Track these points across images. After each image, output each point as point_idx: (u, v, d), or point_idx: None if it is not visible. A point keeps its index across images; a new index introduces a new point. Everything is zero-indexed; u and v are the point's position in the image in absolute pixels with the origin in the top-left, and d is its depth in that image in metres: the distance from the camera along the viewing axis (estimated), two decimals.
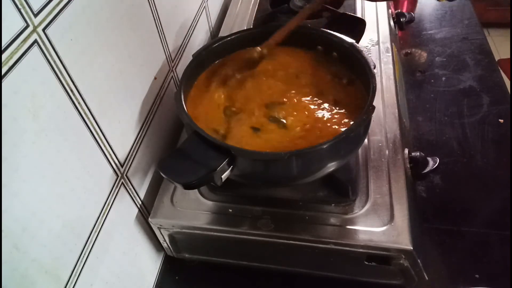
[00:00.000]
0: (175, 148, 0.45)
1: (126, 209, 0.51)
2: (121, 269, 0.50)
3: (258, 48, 0.53)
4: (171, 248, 0.57)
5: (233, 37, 0.58)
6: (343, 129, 0.47)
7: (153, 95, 0.56)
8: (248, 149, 0.44)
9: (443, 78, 0.81)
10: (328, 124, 0.49)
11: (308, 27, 0.59)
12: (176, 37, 0.63)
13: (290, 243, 0.50)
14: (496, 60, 0.88)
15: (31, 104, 0.33)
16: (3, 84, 0.30)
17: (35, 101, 0.34)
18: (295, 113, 0.51)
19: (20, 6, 0.32)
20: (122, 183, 0.49)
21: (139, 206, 0.54)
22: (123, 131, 0.49)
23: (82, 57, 0.40)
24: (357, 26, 0.64)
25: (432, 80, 0.81)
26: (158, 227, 0.53)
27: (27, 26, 0.33)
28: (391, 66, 0.66)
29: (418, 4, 1.01)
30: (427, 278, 0.50)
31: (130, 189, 0.51)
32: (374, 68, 0.49)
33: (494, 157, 0.66)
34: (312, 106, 0.51)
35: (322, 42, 0.57)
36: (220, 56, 0.58)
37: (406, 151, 0.55)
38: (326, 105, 0.51)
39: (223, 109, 0.52)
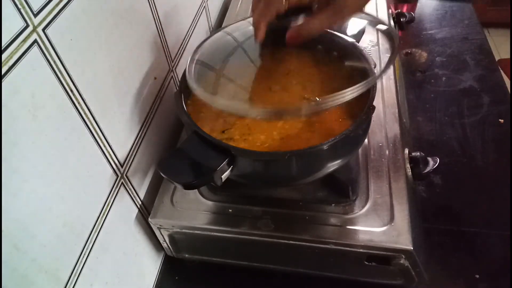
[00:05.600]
0: (175, 148, 0.45)
1: (126, 209, 0.51)
2: (121, 269, 0.50)
3: None
4: (171, 248, 0.57)
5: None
6: (341, 128, 0.47)
7: (153, 95, 0.56)
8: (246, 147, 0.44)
9: (443, 78, 0.81)
10: (328, 123, 0.49)
11: None
12: (176, 37, 0.63)
13: (290, 243, 0.49)
14: (496, 60, 0.88)
15: (31, 104, 0.33)
16: (3, 84, 0.30)
17: (35, 101, 0.34)
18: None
19: (20, 6, 0.32)
20: (122, 183, 0.49)
21: (139, 206, 0.54)
22: (123, 131, 0.49)
23: (82, 57, 0.40)
24: (357, 26, 0.64)
25: (432, 80, 0.81)
26: (158, 227, 0.53)
27: (27, 26, 0.33)
28: (391, 66, 0.66)
29: (418, 4, 1.01)
30: (427, 278, 0.50)
31: (130, 189, 0.51)
32: (375, 67, 0.49)
33: (494, 157, 0.66)
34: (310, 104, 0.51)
35: (322, 41, 0.57)
36: None
37: (406, 151, 0.55)
38: None
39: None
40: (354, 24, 0.57)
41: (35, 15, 0.33)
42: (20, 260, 0.33)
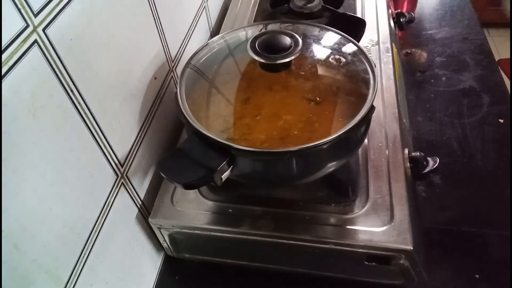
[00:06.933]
0: (175, 148, 0.45)
1: (126, 209, 0.51)
2: (121, 269, 0.50)
3: None
4: (171, 248, 0.57)
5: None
6: (342, 128, 0.47)
7: (153, 95, 0.56)
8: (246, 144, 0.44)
9: (443, 78, 0.81)
10: (328, 123, 0.49)
11: None
12: (176, 37, 0.63)
13: (290, 243, 0.50)
14: (496, 60, 0.88)
15: (31, 104, 0.33)
16: (3, 84, 0.30)
17: (35, 101, 0.34)
18: (292, 109, 0.51)
19: (20, 6, 0.32)
20: (122, 183, 0.49)
21: (139, 206, 0.54)
22: (123, 131, 0.49)
23: (82, 57, 0.40)
24: (357, 26, 0.64)
25: (432, 80, 0.81)
26: (158, 227, 0.53)
27: (27, 26, 0.33)
28: (391, 66, 0.66)
29: (418, 4, 1.01)
30: (427, 278, 0.50)
31: (130, 189, 0.51)
32: (375, 68, 0.49)
33: (494, 157, 0.66)
34: (310, 104, 0.51)
35: (323, 41, 0.57)
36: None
37: (406, 151, 0.55)
38: (325, 103, 0.51)
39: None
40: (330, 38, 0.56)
41: (35, 15, 0.33)
42: (20, 260, 0.33)
